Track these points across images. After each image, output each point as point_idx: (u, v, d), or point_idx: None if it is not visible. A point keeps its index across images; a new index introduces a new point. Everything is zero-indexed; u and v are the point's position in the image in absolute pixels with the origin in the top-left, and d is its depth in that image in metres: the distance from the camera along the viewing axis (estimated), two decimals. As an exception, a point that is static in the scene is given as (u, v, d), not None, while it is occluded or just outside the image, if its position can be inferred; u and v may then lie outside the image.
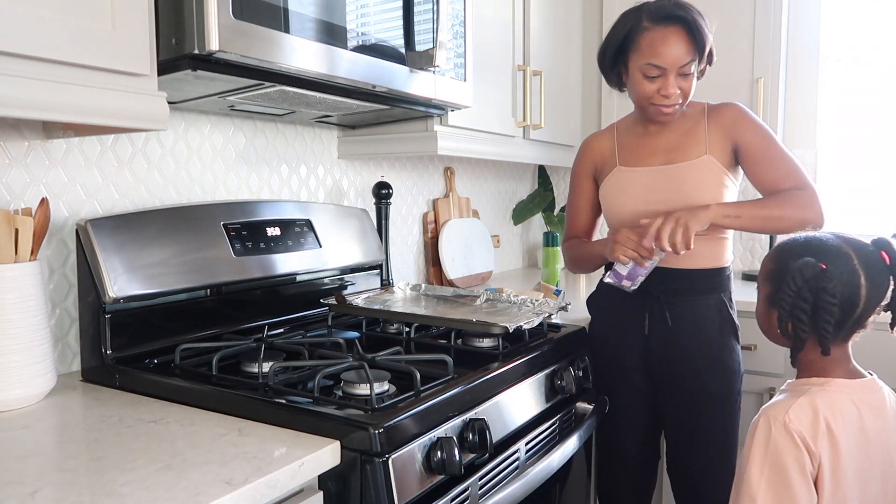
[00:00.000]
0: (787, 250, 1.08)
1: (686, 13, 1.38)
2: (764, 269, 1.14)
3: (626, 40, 1.43)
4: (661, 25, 1.38)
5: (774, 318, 1.08)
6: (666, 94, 1.41)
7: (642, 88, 1.43)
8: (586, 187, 1.63)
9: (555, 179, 2.92)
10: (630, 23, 1.42)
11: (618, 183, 1.53)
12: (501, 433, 1.19)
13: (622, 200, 1.52)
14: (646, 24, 1.40)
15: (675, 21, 1.38)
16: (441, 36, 1.40)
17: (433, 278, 2.22)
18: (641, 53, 1.40)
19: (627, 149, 1.55)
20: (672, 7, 1.40)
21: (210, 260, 1.34)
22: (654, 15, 1.40)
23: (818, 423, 1.00)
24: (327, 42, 1.18)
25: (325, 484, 0.93)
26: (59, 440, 0.95)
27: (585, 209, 1.64)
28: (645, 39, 1.40)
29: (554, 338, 1.47)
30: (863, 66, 2.37)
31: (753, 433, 1.03)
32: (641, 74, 1.42)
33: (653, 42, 1.39)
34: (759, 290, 1.15)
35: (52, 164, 1.23)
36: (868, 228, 2.29)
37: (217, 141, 1.53)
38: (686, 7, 1.40)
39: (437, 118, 1.71)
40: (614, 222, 1.54)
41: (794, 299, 1.01)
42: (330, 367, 1.14)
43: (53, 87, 0.89)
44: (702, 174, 1.44)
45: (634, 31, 1.41)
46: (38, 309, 1.08)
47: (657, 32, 1.39)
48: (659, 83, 1.41)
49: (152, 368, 1.20)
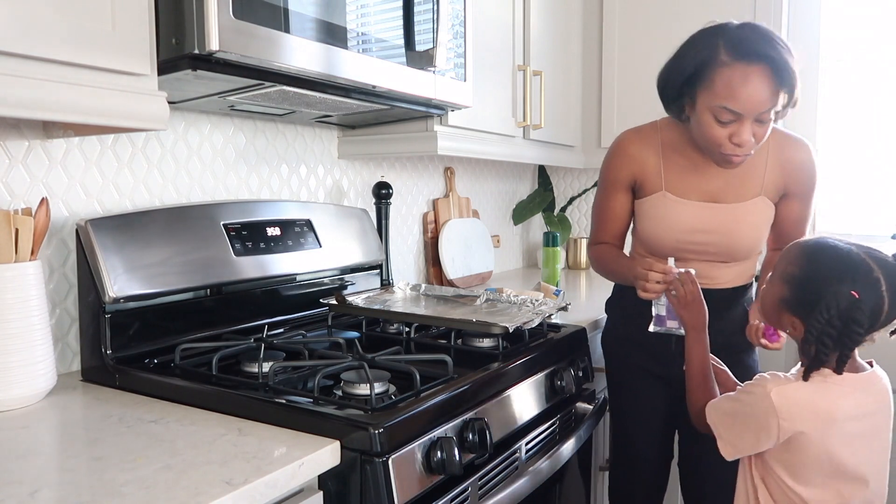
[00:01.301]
0: (815, 262, 1.07)
1: (774, 50, 1.18)
2: (783, 268, 1.11)
3: (698, 72, 1.23)
4: (743, 63, 1.18)
5: (784, 317, 1.11)
6: (739, 143, 1.23)
7: (711, 132, 1.25)
8: (622, 197, 1.47)
9: (555, 179, 2.92)
10: (705, 52, 1.22)
11: (661, 209, 1.41)
12: (501, 433, 1.19)
13: (662, 232, 1.41)
14: (724, 57, 1.19)
15: (760, 59, 1.17)
16: (441, 36, 1.40)
17: (433, 278, 2.23)
18: (715, 93, 1.21)
19: (675, 172, 1.40)
20: (759, 40, 1.19)
21: (210, 260, 1.34)
22: (735, 48, 1.19)
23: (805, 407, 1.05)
24: (327, 42, 1.18)
25: (325, 484, 0.93)
26: (59, 440, 0.95)
27: (618, 217, 1.50)
28: (721, 77, 1.19)
29: (554, 338, 1.47)
30: (863, 66, 2.37)
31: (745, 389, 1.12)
32: (712, 117, 1.23)
33: (731, 83, 1.18)
34: (771, 283, 1.14)
35: (52, 164, 1.23)
36: (868, 228, 2.29)
37: (217, 141, 1.53)
38: (774, 42, 1.19)
39: (437, 118, 1.70)
40: (649, 246, 1.46)
41: (823, 327, 1.02)
42: (330, 367, 1.14)
43: (53, 87, 0.89)
44: (752, 216, 1.36)
45: (710, 65, 1.21)
46: (38, 309, 1.08)
47: (737, 71, 1.18)
48: (732, 129, 1.23)
49: (152, 368, 1.20)
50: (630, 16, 2.42)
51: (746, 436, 1.11)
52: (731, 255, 1.41)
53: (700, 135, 1.30)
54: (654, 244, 1.45)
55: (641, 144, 1.43)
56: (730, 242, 1.38)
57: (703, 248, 1.40)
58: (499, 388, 1.21)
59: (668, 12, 2.34)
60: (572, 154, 2.52)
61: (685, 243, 1.40)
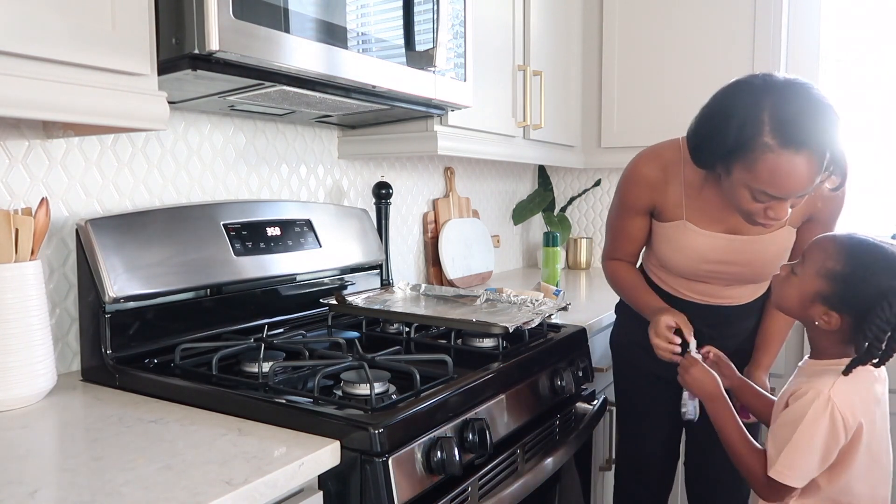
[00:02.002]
0: (859, 259, 1.06)
1: (825, 135, 1.07)
2: (820, 263, 1.08)
3: (739, 148, 1.11)
4: (789, 151, 1.07)
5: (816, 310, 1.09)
6: (774, 217, 1.16)
7: (746, 204, 1.17)
8: (639, 221, 1.42)
9: (555, 179, 2.92)
10: (749, 129, 1.09)
11: (681, 238, 1.36)
12: (501, 433, 1.19)
13: (682, 259, 1.38)
14: (770, 140, 1.07)
15: (809, 146, 1.07)
16: (441, 36, 1.40)
17: (433, 278, 2.22)
18: (756, 177, 1.11)
19: (697, 203, 1.33)
20: (809, 122, 1.07)
21: (210, 260, 1.34)
22: (783, 131, 1.07)
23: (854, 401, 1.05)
24: (327, 42, 1.18)
25: (325, 484, 0.93)
26: (59, 440, 0.95)
27: (634, 239, 1.46)
28: (765, 164, 1.08)
29: (554, 338, 1.47)
30: (863, 67, 2.37)
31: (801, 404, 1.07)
32: (749, 194, 1.15)
33: (775, 171, 1.08)
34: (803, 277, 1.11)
35: (52, 164, 1.23)
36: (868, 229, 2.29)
37: (217, 141, 1.53)
38: (825, 121, 1.08)
39: (437, 118, 1.70)
40: (667, 267, 1.44)
41: (882, 324, 1.02)
42: (330, 367, 1.14)
43: (53, 87, 0.89)
44: (774, 247, 1.32)
45: (752, 145, 1.09)
46: (38, 309, 1.08)
47: (783, 159, 1.07)
48: (769, 204, 1.15)
49: (152, 368, 1.20)
50: (630, 16, 2.42)
51: (815, 455, 1.05)
52: (750, 281, 1.40)
53: (733, 200, 1.21)
54: (671, 267, 1.43)
55: (662, 171, 1.35)
56: (750, 272, 1.36)
57: (722, 276, 1.39)
58: (499, 388, 1.21)
59: (668, 12, 2.35)
60: (572, 154, 2.52)
61: (703, 270, 1.38)
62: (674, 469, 1.61)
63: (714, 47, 2.27)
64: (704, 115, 1.20)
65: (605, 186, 2.79)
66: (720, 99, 1.17)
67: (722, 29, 2.27)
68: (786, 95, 1.09)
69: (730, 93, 1.16)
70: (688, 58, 2.32)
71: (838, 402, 1.04)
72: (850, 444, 1.06)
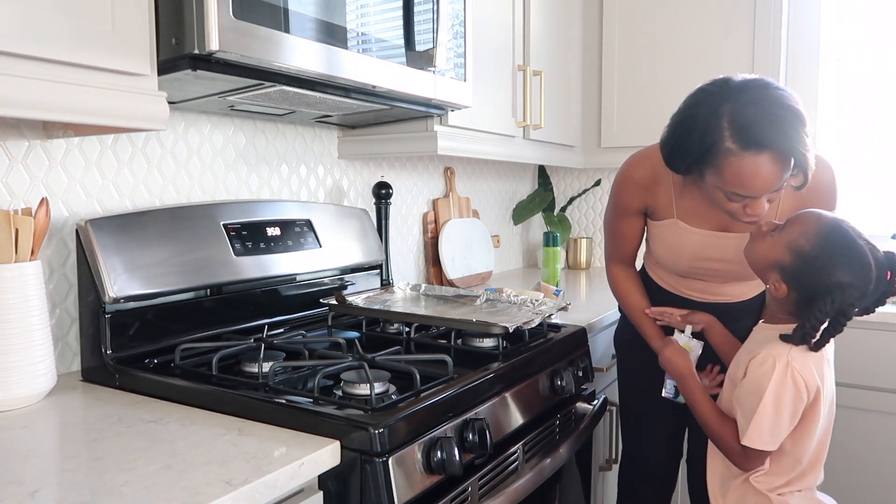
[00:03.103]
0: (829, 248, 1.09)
1: (782, 135, 1.08)
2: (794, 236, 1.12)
3: (704, 156, 1.15)
4: (751, 153, 1.09)
5: (771, 275, 1.15)
6: (754, 216, 1.19)
7: (724, 206, 1.21)
8: (633, 222, 1.47)
9: (555, 179, 2.92)
10: (711, 136, 1.12)
11: (673, 237, 1.40)
12: (501, 433, 1.19)
13: (675, 257, 1.42)
14: (730, 145, 1.10)
15: (769, 147, 1.09)
16: (441, 36, 1.40)
17: (433, 278, 2.22)
18: (724, 181, 1.14)
19: (687, 201, 1.37)
20: (767, 124, 1.09)
21: (210, 260, 1.34)
22: (742, 134, 1.09)
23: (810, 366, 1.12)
24: (327, 42, 1.18)
25: (325, 484, 0.93)
26: (59, 440, 0.95)
27: (631, 239, 1.50)
28: (729, 168, 1.12)
29: (554, 338, 1.47)
30: (863, 66, 2.37)
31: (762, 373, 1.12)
32: (724, 196, 1.18)
33: (740, 173, 1.11)
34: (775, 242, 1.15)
35: (52, 164, 1.23)
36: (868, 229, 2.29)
37: (217, 141, 1.53)
38: (782, 122, 1.09)
39: (436, 118, 1.70)
40: (661, 264, 1.48)
41: (819, 316, 1.08)
42: (330, 367, 1.14)
43: (53, 87, 0.89)
44: None
45: (716, 150, 1.12)
46: (38, 309, 1.08)
47: (746, 161, 1.10)
48: (745, 202, 1.18)
49: (152, 368, 1.20)
50: (630, 16, 2.42)
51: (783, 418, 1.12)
52: (745, 278, 1.41)
53: (713, 201, 1.25)
54: (666, 266, 1.47)
55: (651, 173, 1.38)
56: (743, 269, 1.35)
57: (714, 273, 1.41)
58: (499, 388, 1.21)
59: (668, 12, 2.35)
60: (572, 154, 2.52)
61: (696, 268, 1.42)
62: (677, 468, 1.61)
63: (714, 47, 2.27)
64: (671, 125, 1.22)
65: (605, 186, 2.79)
66: (683, 109, 1.19)
67: (722, 29, 2.27)
68: (742, 99, 1.11)
69: (691, 103, 1.18)
70: (688, 58, 2.32)
71: (798, 367, 1.11)
72: (810, 406, 1.13)
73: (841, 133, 2.41)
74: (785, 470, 1.18)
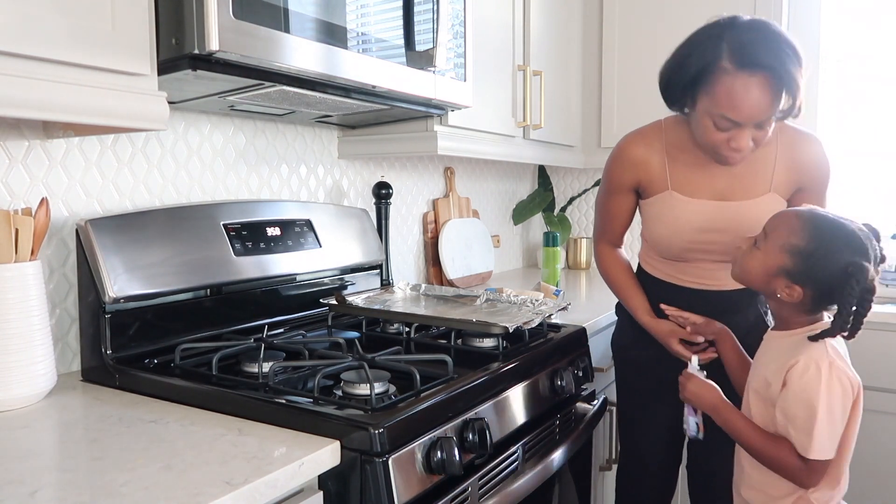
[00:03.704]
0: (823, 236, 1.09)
1: (778, 59, 1.14)
2: (784, 238, 1.12)
3: (700, 75, 1.21)
4: (745, 72, 1.15)
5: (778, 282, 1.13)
6: (737, 148, 1.23)
7: (709, 135, 1.25)
8: (626, 200, 1.47)
9: (555, 179, 2.92)
10: (708, 57, 1.19)
11: (668, 210, 1.39)
12: (501, 433, 1.19)
13: (671, 233, 1.40)
14: (726, 64, 1.17)
15: (763, 69, 1.15)
16: (441, 36, 1.40)
17: (433, 278, 2.23)
18: (716, 101, 1.19)
19: (681, 171, 1.38)
20: (764, 47, 1.15)
21: (210, 260, 1.34)
22: (739, 55, 1.16)
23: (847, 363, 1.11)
24: (327, 42, 1.18)
25: (325, 484, 0.93)
26: (59, 440, 0.95)
27: (622, 218, 1.51)
28: (722, 86, 1.17)
29: (554, 338, 1.47)
30: (863, 67, 2.37)
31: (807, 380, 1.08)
32: (711, 122, 1.23)
33: (731, 92, 1.16)
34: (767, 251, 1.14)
35: (52, 164, 1.23)
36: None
37: (217, 141, 1.53)
38: (781, 48, 1.15)
39: (436, 118, 1.70)
40: (657, 246, 1.46)
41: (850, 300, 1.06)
42: (330, 367, 1.14)
43: (53, 87, 0.89)
44: (762, 213, 1.30)
45: (711, 71, 1.18)
46: (38, 309, 1.08)
47: (739, 81, 1.15)
48: (730, 134, 1.22)
49: (152, 368, 1.20)
50: (630, 16, 2.42)
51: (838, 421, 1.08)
52: None
53: (698, 135, 1.30)
54: (662, 245, 1.44)
55: (645, 148, 1.41)
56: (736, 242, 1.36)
57: (712, 248, 1.39)
58: (499, 388, 1.21)
59: (668, 12, 2.34)
60: (572, 154, 2.52)
61: (694, 243, 1.39)
62: (676, 472, 1.59)
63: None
64: (674, 52, 1.30)
65: (605, 186, 2.78)
66: (688, 37, 1.28)
67: (722, 29, 2.26)
68: (746, 27, 1.19)
69: (697, 31, 1.27)
70: (688, 58, 2.31)
71: (839, 366, 1.08)
72: (853, 405, 1.10)
73: (841, 133, 2.41)
74: (834, 478, 1.13)
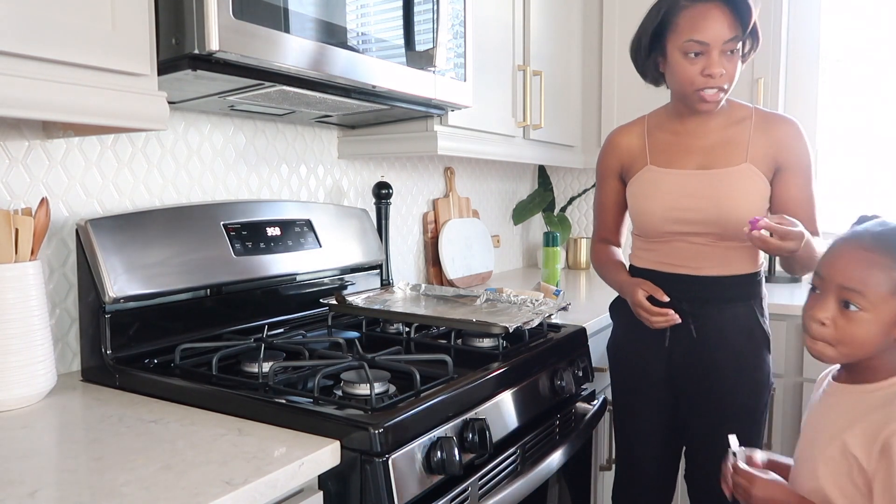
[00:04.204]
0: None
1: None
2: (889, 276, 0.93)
3: (662, 23, 1.35)
4: (701, 3, 1.30)
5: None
6: (710, 74, 1.31)
7: (683, 71, 1.33)
8: (612, 187, 1.55)
9: (555, 179, 2.92)
10: (665, 4, 1.34)
11: (647, 184, 1.45)
12: (501, 433, 1.19)
13: (651, 204, 1.43)
14: (684, 2, 1.32)
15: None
16: (441, 36, 1.40)
17: (433, 278, 2.23)
18: (680, 32, 1.32)
19: (659, 147, 1.46)
20: None
21: (210, 260, 1.34)
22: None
23: None
24: (327, 42, 1.18)
25: (325, 484, 0.94)
26: (59, 440, 0.95)
27: (611, 208, 1.57)
28: (684, 18, 1.31)
29: (554, 338, 1.47)
30: (863, 67, 2.37)
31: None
32: (681, 54, 1.33)
33: (693, 18, 1.30)
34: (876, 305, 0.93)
35: (52, 164, 1.23)
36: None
37: (217, 141, 1.53)
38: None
39: (437, 118, 1.70)
40: (641, 225, 1.47)
41: None
42: (330, 367, 1.14)
43: (54, 87, 0.89)
44: (740, 184, 1.36)
45: (671, 12, 1.33)
46: (38, 309, 1.08)
47: (697, 9, 1.30)
48: (702, 62, 1.31)
49: (152, 368, 1.20)
50: (630, 16, 2.42)
51: None
52: (722, 226, 1.36)
53: (675, 80, 1.37)
54: (644, 221, 1.45)
55: (627, 132, 1.52)
56: (719, 211, 1.36)
57: (692, 218, 1.38)
58: (499, 388, 1.21)
59: (668, 12, 2.34)
60: (572, 154, 2.52)
61: (674, 212, 1.39)
62: (673, 480, 1.58)
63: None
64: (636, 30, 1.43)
65: (605, 186, 2.78)
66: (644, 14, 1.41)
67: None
68: None
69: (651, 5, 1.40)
70: (688, 58, 2.31)
71: None
72: None
73: (841, 133, 2.41)
74: None
